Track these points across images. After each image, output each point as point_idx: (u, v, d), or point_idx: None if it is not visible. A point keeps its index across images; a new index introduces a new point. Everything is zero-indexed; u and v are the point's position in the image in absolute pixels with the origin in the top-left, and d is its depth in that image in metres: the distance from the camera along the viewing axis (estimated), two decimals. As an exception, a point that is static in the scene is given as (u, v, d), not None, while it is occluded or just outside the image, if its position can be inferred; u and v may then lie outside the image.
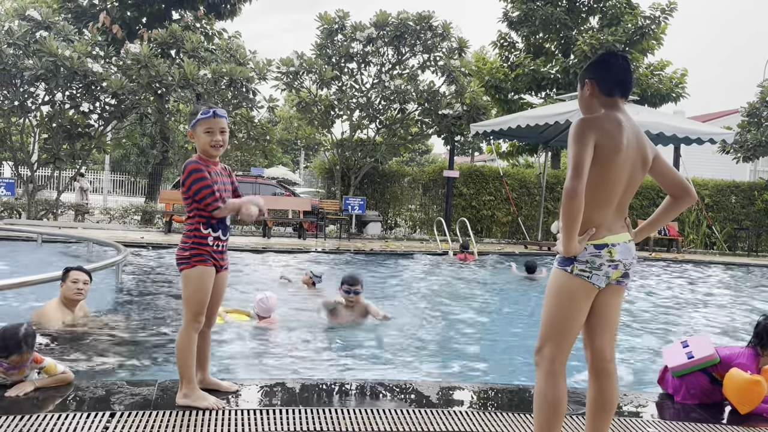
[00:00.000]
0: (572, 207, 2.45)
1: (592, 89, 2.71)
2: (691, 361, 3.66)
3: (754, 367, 3.64)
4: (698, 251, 17.60)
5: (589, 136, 2.52)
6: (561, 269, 2.62)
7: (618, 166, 2.56)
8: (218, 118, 3.27)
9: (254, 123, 17.02)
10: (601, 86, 2.70)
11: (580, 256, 2.57)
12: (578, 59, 19.00)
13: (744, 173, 25.52)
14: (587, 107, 2.74)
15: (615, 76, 2.71)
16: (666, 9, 19.03)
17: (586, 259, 2.57)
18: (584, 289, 2.59)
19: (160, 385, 3.50)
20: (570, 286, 2.59)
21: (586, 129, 2.54)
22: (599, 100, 2.70)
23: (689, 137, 14.84)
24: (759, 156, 18.74)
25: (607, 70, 2.73)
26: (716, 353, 3.69)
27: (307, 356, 4.96)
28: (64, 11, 19.54)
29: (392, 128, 17.77)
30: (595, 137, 2.53)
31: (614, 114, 2.64)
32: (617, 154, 2.55)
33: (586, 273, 2.57)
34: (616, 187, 2.59)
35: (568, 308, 2.61)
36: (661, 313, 7.94)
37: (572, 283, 2.59)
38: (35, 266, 7.98)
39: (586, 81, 2.73)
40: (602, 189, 2.56)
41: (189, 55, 15.47)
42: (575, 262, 2.58)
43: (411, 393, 3.73)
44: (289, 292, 7.63)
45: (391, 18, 16.61)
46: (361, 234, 17.05)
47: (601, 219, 2.59)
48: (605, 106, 2.68)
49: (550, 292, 2.65)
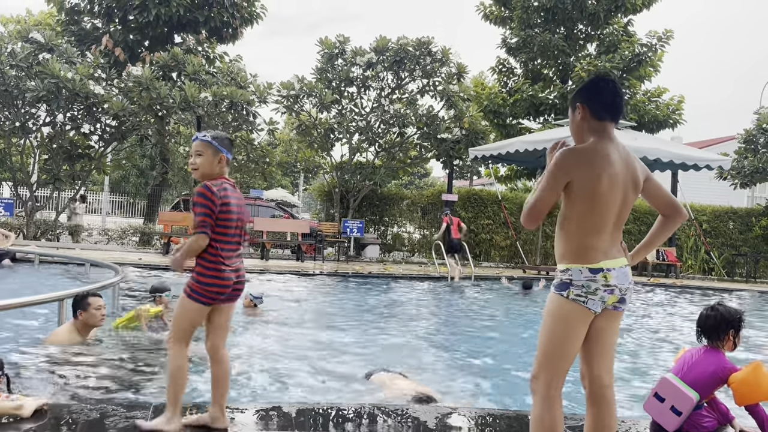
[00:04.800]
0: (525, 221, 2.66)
1: (583, 113, 2.72)
2: (682, 417, 3.54)
3: (730, 365, 3.51)
4: (696, 277, 17.58)
5: (560, 176, 2.58)
6: (557, 294, 2.62)
7: (606, 193, 2.58)
8: (195, 141, 3.27)
9: (254, 145, 17.11)
10: (592, 110, 2.71)
11: (575, 280, 2.57)
12: (576, 85, 19.16)
13: (742, 199, 25.60)
14: (577, 132, 2.76)
15: (606, 100, 2.72)
16: (662, 37, 19.27)
17: (581, 284, 2.57)
18: (580, 314, 2.59)
19: (155, 409, 3.47)
20: (566, 311, 2.59)
21: (560, 168, 2.58)
22: (589, 125, 2.71)
23: (686, 163, 14.92)
24: (756, 182, 18.83)
25: (598, 94, 2.73)
26: (691, 395, 3.46)
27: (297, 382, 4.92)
28: (68, 34, 19.75)
29: (391, 152, 17.87)
30: (574, 174, 2.57)
31: (602, 142, 2.66)
32: (601, 183, 2.56)
33: (581, 298, 2.57)
34: (608, 213, 2.61)
35: (563, 333, 2.60)
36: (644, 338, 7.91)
37: (568, 307, 2.59)
38: (34, 287, 7.95)
39: (578, 105, 2.74)
40: (594, 217, 2.59)
41: (190, 77, 15.61)
42: (571, 287, 2.58)
43: (407, 418, 3.70)
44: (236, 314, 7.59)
45: (391, 43, 16.80)
46: (359, 257, 17.03)
47: (596, 244, 2.60)
48: (595, 132, 2.70)
49: (547, 317, 2.65)
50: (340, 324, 7.59)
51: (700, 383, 3.48)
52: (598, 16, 19.25)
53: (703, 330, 3.61)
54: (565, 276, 2.61)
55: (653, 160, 14.82)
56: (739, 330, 3.57)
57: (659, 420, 3.59)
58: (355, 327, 7.48)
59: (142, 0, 17.96)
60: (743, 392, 3.42)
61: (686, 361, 3.62)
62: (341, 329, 7.24)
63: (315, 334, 6.87)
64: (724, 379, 3.46)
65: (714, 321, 3.56)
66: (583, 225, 2.58)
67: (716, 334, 3.56)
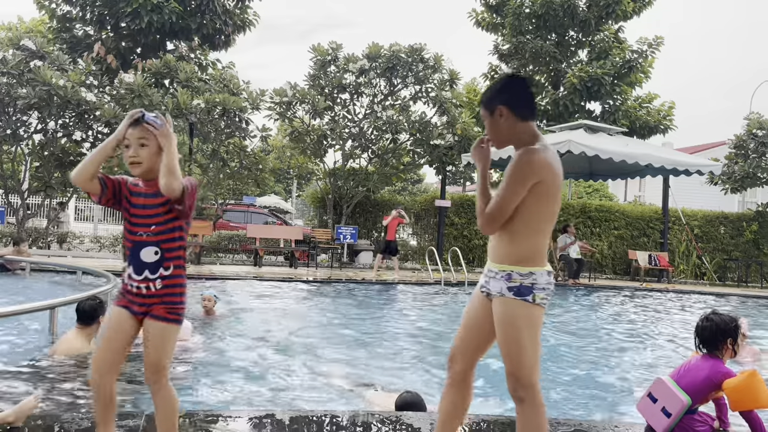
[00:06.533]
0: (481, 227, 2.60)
1: (506, 115, 2.59)
2: (671, 419, 3.56)
3: (725, 370, 3.51)
4: (688, 281, 17.66)
5: (529, 180, 2.48)
6: (522, 300, 2.53)
7: (558, 195, 2.58)
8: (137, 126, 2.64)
9: (247, 152, 17.08)
10: (515, 111, 2.59)
11: (538, 284, 2.55)
12: (568, 91, 19.29)
13: (732, 204, 25.76)
14: (509, 135, 2.62)
15: (526, 98, 2.61)
16: (653, 43, 19.44)
17: (543, 287, 2.56)
18: (542, 315, 2.59)
19: (147, 417, 3.45)
20: (536, 316, 2.56)
21: (529, 173, 2.48)
22: (517, 127, 2.60)
23: (677, 168, 15.01)
24: (746, 187, 18.95)
25: (517, 94, 2.61)
26: (683, 397, 3.48)
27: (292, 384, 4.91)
28: (59, 41, 19.70)
29: (384, 158, 17.89)
30: (541, 175, 2.49)
31: (546, 142, 2.59)
32: (556, 183, 2.55)
33: (544, 301, 2.57)
34: (556, 214, 2.63)
35: (536, 336, 2.58)
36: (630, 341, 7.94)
37: (536, 312, 2.56)
38: (24, 295, 7.90)
39: (498, 107, 2.59)
40: (551, 218, 2.60)
41: (183, 84, 15.59)
42: (534, 291, 2.54)
43: (401, 425, 3.69)
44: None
45: (384, 50, 16.85)
46: (352, 263, 17.01)
47: (547, 246, 2.65)
48: (529, 134, 2.59)
49: (518, 327, 2.54)
50: (333, 331, 7.58)
51: (693, 387, 3.49)
52: (589, 22, 19.40)
53: (701, 340, 3.63)
54: (528, 280, 2.53)
55: (645, 165, 14.91)
56: (737, 338, 3.58)
57: (650, 421, 3.61)
58: (349, 334, 7.47)
59: (134, 7, 17.94)
60: (736, 399, 3.43)
61: (684, 366, 3.65)
62: (335, 336, 7.22)
63: (308, 341, 6.85)
64: (718, 385, 3.47)
65: (710, 332, 3.58)
66: (544, 227, 2.57)
67: (713, 344, 3.58)
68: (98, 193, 2.67)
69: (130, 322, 2.68)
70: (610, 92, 19.15)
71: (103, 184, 2.66)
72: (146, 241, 2.65)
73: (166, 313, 2.65)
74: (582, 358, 6.81)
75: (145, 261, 2.64)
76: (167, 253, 2.67)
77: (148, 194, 2.68)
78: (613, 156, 13.92)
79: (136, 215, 2.68)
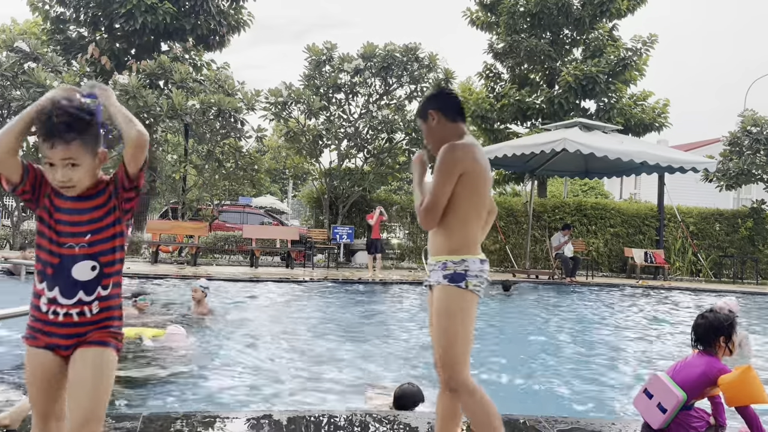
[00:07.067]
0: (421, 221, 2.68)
1: (438, 118, 2.84)
2: (666, 415, 3.57)
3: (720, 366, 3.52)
4: (684, 278, 17.71)
5: (457, 169, 2.65)
6: (454, 286, 2.66)
7: (485, 185, 2.76)
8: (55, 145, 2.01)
9: (242, 153, 17.07)
10: (445, 114, 2.84)
11: (471, 271, 2.67)
12: (563, 90, 19.32)
13: (728, 201, 25.85)
14: (441, 135, 2.82)
15: (454, 104, 2.88)
16: (647, 41, 19.47)
17: (475, 274, 2.68)
18: (475, 303, 2.70)
19: (144, 419, 3.44)
20: (468, 302, 2.68)
21: (455, 162, 2.66)
22: (447, 128, 2.84)
23: (672, 166, 15.05)
24: (741, 184, 19.02)
25: (446, 100, 2.89)
26: (678, 393, 3.48)
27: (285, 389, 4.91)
28: (53, 43, 19.61)
29: (380, 157, 17.88)
30: (465, 166, 2.67)
31: (473, 139, 2.83)
32: (483, 175, 2.74)
33: (477, 287, 2.68)
34: (485, 204, 2.79)
35: (470, 323, 2.69)
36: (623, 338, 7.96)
37: (469, 298, 2.68)
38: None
39: (430, 112, 2.85)
40: (479, 209, 2.74)
41: (177, 85, 15.55)
42: (467, 277, 2.67)
43: (399, 425, 3.69)
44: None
45: (378, 50, 16.85)
46: (349, 263, 17.00)
47: (479, 236, 2.77)
48: (457, 133, 2.82)
49: (451, 313, 2.66)
50: (330, 331, 7.58)
51: (688, 383, 3.51)
52: (584, 21, 19.43)
53: (696, 337, 3.66)
54: (460, 267, 2.67)
55: (640, 163, 14.95)
56: (730, 336, 3.60)
57: (645, 416, 3.63)
58: (345, 334, 7.46)
59: (128, 8, 17.88)
60: (731, 395, 3.45)
61: (680, 362, 3.67)
62: (332, 335, 7.22)
63: (306, 341, 6.85)
64: (713, 380, 3.48)
65: (703, 329, 3.62)
66: (472, 217, 2.71)
67: (707, 341, 3.60)
68: (15, 180, 2.08)
69: (58, 364, 2.09)
70: (604, 90, 19.19)
71: (24, 170, 2.09)
72: (79, 255, 2.09)
73: (105, 336, 2.10)
74: (579, 355, 6.82)
75: (78, 280, 2.08)
76: (107, 268, 2.13)
77: (82, 196, 2.13)
78: (608, 154, 13.95)
79: (64, 222, 2.10)
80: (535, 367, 6.20)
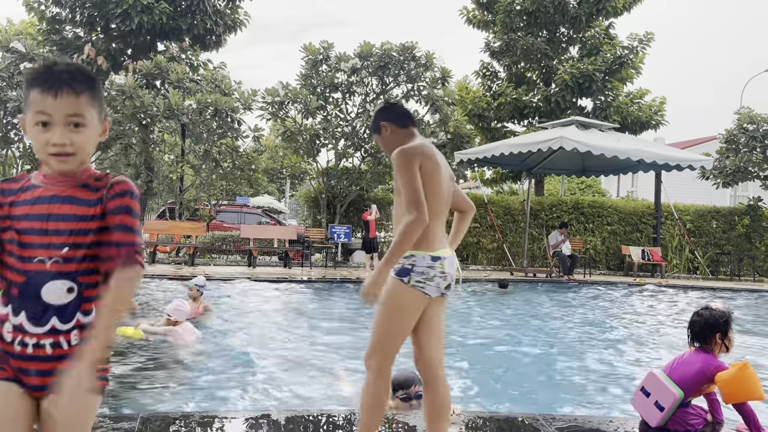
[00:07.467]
0: (415, 233, 2.62)
1: (390, 128, 2.97)
2: (664, 413, 3.57)
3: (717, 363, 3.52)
4: (681, 276, 17.75)
5: (414, 162, 2.72)
6: (397, 279, 2.71)
7: (441, 181, 2.80)
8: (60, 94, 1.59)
9: (239, 152, 17.05)
10: (396, 123, 2.97)
11: (417, 266, 2.69)
12: (559, 88, 19.34)
13: (724, 199, 25.91)
14: (395, 143, 2.91)
15: (401, 111, 3.03)
16: (643, 39, 19.50)
17: (422, 270, 2.69)
18: (418, 300, 2.71)
19: (142, 419, 3.44)
20: (405, 297, 2.70)
21: (410, 156, 2.73)
22: (399, 135, 2.96)
23: (669, 164, 15.07)
24: (738, 181, 19.05)
25: (393, 110, 3.05)
26: (675, 391, 3.50)
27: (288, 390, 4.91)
28: (49, 43, 19.57)
29: (377, 157, 17.88)
30: (419, 161, 2.73)
31: (423, 139, 2.92)
32: (438, 171, 2.78)
33: (421, 284, 2.69)
34: (442, 200, 2.82)
35: (401, 318, 2.72)
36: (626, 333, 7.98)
37: (408, 293, 2.70)
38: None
39: (382, 124, 2.99)
40: (434, 204, 2.75)
41: (174, 85, 15.53)
42: (412, 273, 2.69)
43: (398, 424, 3.70)
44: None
45: (375, 49, 16.84)
46: (347, 262, 17.01)
47: (437, 232, 2.78)
48: (408, 137, 2.94)
49: (385, 302, 2.73)
50: (329, 330, 7.58)
51: (685, 381, 3.51)
52: (580, 19, 19.44)
53: (692, 334, 3.66)
54: (407, 262, 2.71)
55: (636, 161, 14.98)
56: (726, 333, 3.60)
57: (643, 415, 3.63)
58: (344, 333, 7.47)
59: (124, 8, 17.85)
60: (729, 392, 3.45)
61: (677, 360, 3.68)
62: (331, 335, 7.22)
63: (304, 340, 6.85)
64: (710, 378, 3.49)
65: (699, 326, 3.62)
66: (429, 213, 2.71)
67: (703, 338, 3.60)
68: None
69: (23, 402, 1.66)
70: (601, 88, 19.21)
71: None
72: (50, 272, 1.64)
73: None
74: (577, 353, 6.84)
75: (49, 303, 1.64)
76: (87, 290, 1.68)
77: (59, 197, 1.66)
78: (605, 152, 13.97)
79: (30, 230, 1.64)
80: (533, 365, 6.21)
